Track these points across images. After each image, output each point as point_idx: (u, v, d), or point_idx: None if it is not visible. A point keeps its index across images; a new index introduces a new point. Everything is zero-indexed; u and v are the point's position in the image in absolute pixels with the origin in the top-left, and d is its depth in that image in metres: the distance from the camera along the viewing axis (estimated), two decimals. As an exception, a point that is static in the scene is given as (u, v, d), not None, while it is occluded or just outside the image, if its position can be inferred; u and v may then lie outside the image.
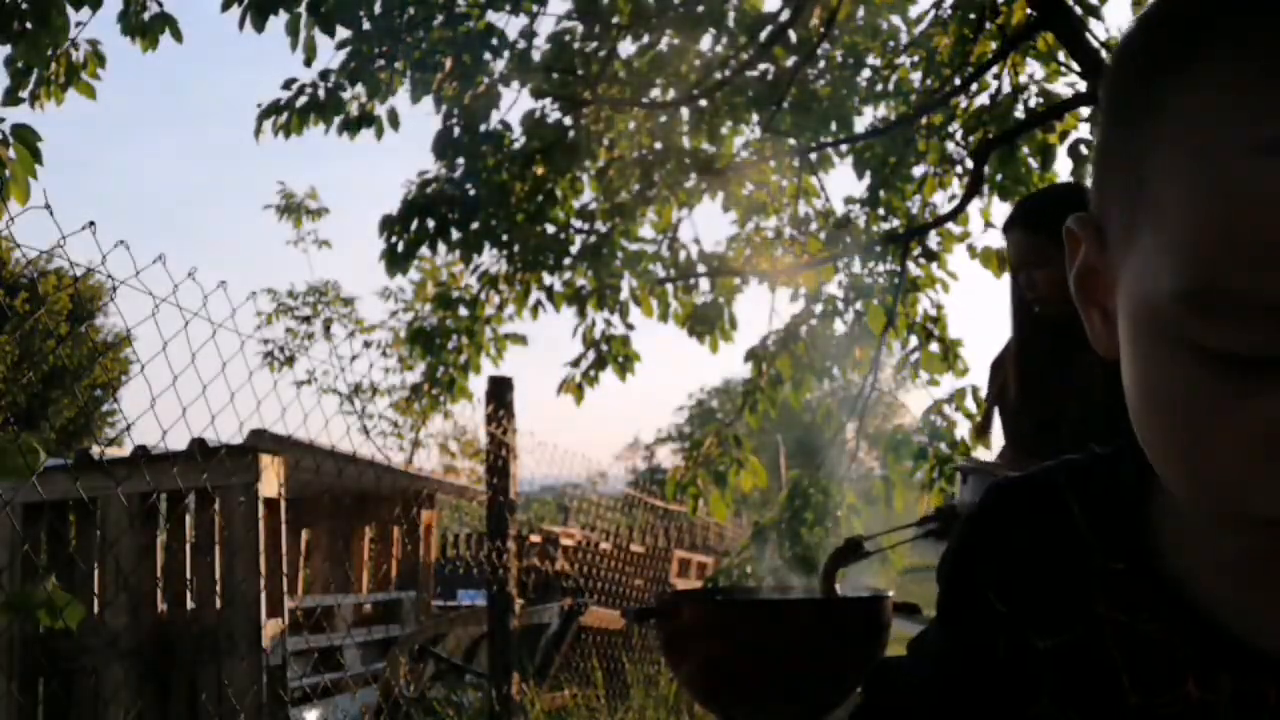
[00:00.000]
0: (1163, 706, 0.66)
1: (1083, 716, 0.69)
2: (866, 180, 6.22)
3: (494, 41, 5.52)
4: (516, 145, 5.79)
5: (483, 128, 5.67)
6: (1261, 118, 0.52)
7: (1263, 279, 0.52)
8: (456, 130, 5.63)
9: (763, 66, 5.83)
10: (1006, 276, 2.61)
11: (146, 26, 4.92)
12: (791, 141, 6.26)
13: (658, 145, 6.13)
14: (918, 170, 6.26)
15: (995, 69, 5.69)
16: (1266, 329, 0.53)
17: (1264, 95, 0.52)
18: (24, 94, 4.60)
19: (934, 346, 6.14)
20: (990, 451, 2.82)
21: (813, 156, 6.32)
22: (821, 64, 6.16)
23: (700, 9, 5.56)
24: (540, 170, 5.86)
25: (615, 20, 5.67)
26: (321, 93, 5.44)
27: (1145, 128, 0.58)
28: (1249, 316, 0.53)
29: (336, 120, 5.52)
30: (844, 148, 6.20)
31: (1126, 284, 0.60)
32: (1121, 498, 0.70)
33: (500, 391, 4.56)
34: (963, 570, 0.77)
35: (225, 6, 4.86)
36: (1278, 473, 0.55)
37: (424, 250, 5.77)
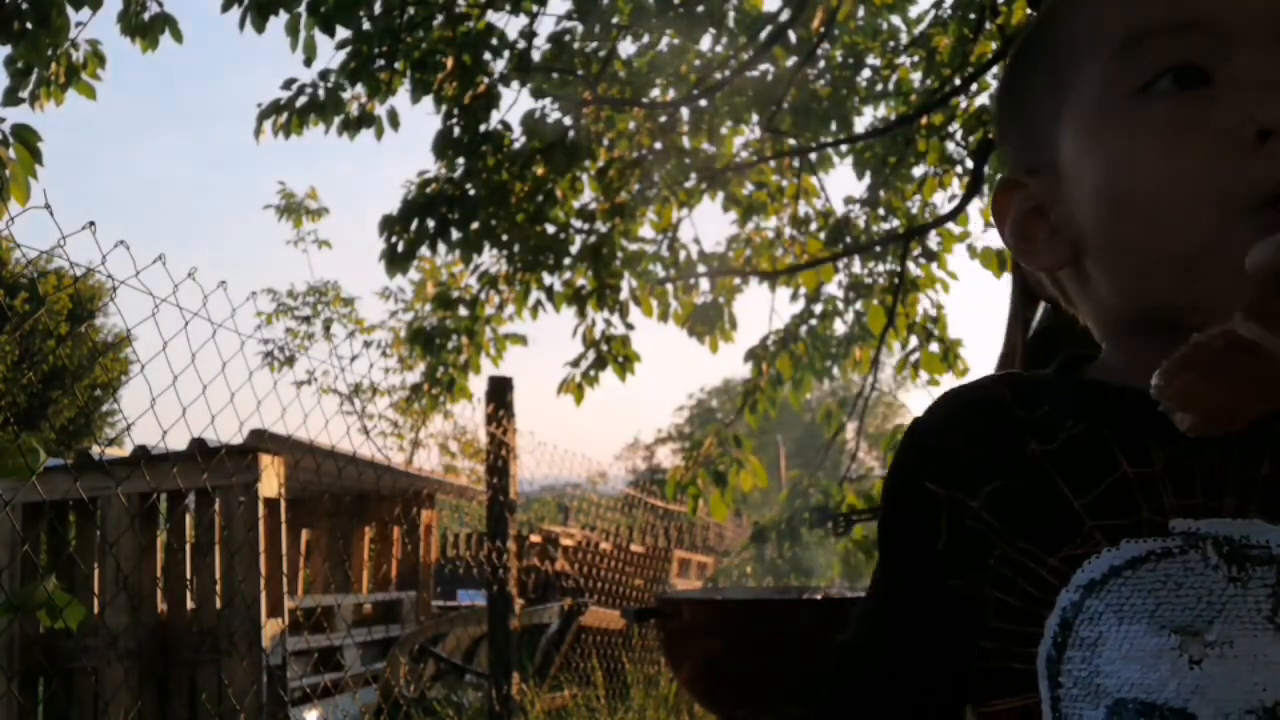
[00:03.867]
0: (1104, 497, 0.68)
1: (1032, 541, 0.70)
2: (866, 180, 6.22)
3: (494, 41, 5.52)
4: (516, 145, 5.78)
5: (483, 128, 5.67)
6: None
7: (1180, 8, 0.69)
8: (456, 130, 5.63)
9: (763, 66, 5.83)
10: (1007, 277, 2.67)
11: (146, 26, 4.92)
12: (791, 141, 6.26)
13: (658, 145, 6.13)
14: (918, 170, 6.25)
15: (995, 69, 5.68)
16: (1188, 45, 0.68)
17: None
18: (24, 94, 4.59)
19: (934, 346, 6.14)
20: None
21: (813, 156, 6.32)
22: (821, 64, 6.15)
23: (700, 9, 5.55)
24: (540, 170, 5.86)
25: (615, 20, 5.67)
26: (321, 93, 5.44)
27: (1059, 27, 0.76)
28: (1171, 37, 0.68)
29: (336, 120, 5.51)
30: (844, 148, 6.20)
31: (1073, 124, 0.74)
32: (1044, 378, 0.78)
33: (500, 391, 4.57)
34: (900, 469, 0.79)
35: (225, 7, 4.86)
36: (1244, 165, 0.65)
37: (424, 250, 5.76)
